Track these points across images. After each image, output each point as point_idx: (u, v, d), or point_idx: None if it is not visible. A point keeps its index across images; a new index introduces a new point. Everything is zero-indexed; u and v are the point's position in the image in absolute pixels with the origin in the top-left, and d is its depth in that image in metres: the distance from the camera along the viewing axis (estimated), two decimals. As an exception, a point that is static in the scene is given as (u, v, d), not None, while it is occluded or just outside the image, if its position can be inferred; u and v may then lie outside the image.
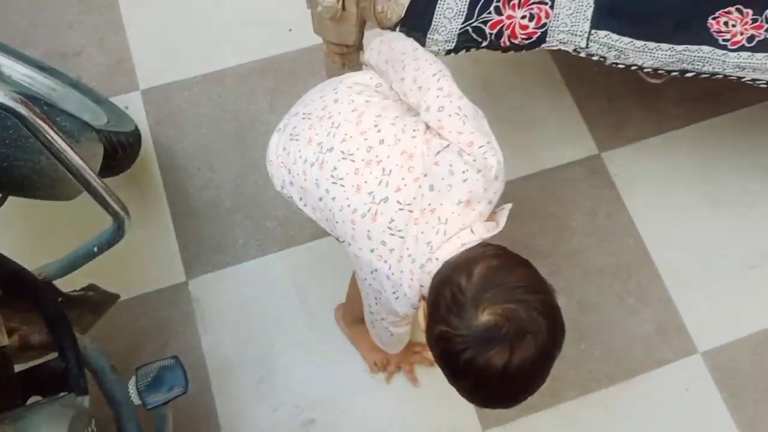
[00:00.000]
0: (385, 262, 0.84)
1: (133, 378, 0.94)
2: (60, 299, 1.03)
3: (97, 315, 1.18)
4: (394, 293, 0.86)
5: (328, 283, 1.40)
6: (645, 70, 1.13)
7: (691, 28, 1.09)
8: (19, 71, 1.37)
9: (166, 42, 1.60)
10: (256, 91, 1.57)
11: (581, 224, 1.48)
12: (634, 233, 1.47)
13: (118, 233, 0.98)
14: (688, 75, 1.12)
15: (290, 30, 1.61)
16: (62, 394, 0.90)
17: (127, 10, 1.63)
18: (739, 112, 1.57)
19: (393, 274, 0.84)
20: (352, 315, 1.28)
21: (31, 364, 1.01)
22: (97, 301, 1.16)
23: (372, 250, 0.85)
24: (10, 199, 1.08)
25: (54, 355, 0.97)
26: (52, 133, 0.82)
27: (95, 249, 1.00)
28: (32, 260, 1.01)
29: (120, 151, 1.22)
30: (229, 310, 1.38)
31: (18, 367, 0.96)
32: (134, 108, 1.51)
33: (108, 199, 0.93)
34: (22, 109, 0.77)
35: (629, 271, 1.44)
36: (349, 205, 0.87)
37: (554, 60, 1.60)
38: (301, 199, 0.97)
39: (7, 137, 0.98)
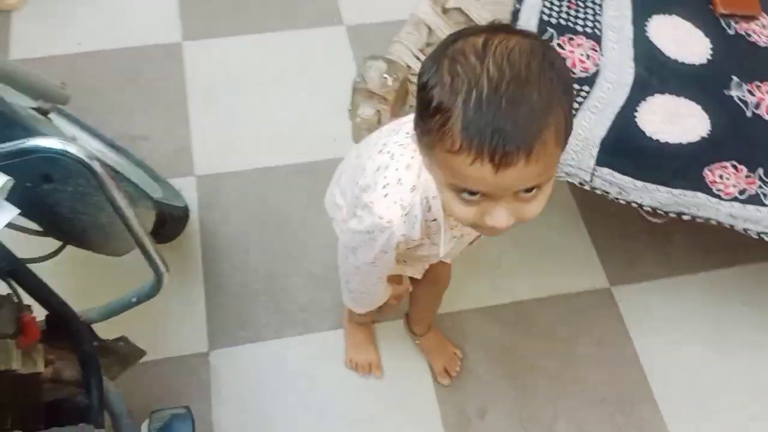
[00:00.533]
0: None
1: (147, 421, 1.03)
2: (95, 343, 1.14)
3: (124, 366, 1.28)
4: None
5: (338, 372, 1.48)
6: (644, 209, 1.24)
7: (687, 176, 1.22)
8: (92, 145, 1.56)
9: (224, 137, 1.79)
10: (297, 190, 1.72)
11: (588, 352, 1.54)
12: (638, 367, 1.52)
13: (156, 287, 1.10)
14: (685, 218, 1.23)
15: (335, 140, 1.79)
16: (81, 425, 0.99)
17: (194, 107, 1.84)
18: (750, 266, 1.65)
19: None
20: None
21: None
22: (125, 354, 1.26)
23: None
24: (67, 248, 1.22)
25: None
26: (115, 191, 0.96)
27: (134, 299, 1.12)
28: (77, 304, 1.13)
29: (169, 221, 1.37)
30: (244, 384, 1.46)
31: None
32: (187, 190, 1.68)
33: (153, 255, 1.06)
34: (95, 165, 0.92)
35: (631, 403, 1.48)
36: None
37: (573, 195, 1.73)
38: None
39: (77, 192, 1.13)
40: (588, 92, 1.31)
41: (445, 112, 0.66)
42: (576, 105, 1.29)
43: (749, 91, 1.37)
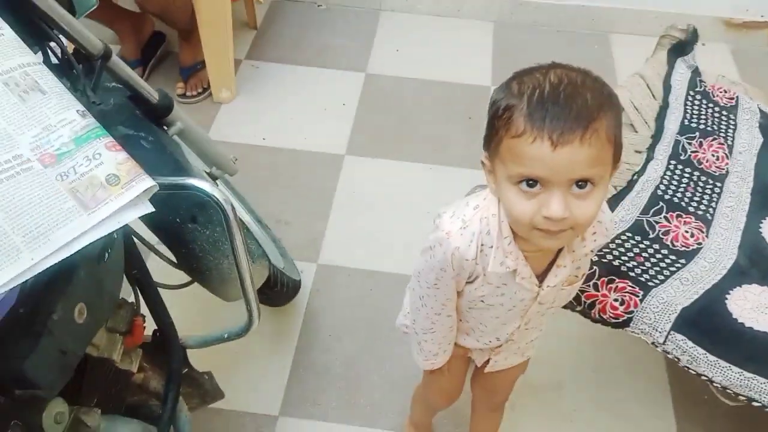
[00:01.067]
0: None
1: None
2: (185, 370, 1.31)
3: (202, 401, 1.43)
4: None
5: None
6: (715, 385, 1.23)
7: (762, 363, 1.21)
8: (241, 213, 1.83)
9: (353, 235, 2.00)
10: (397, 297, 1.84)
11: None
12: None
13: (246, 330, 1.27)
14: (756, 404, 1.20)
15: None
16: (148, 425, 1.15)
17: (336, 209, 2.09)
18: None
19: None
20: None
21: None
22: (207, 390, 1.42)
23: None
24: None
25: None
26: (237, 236, 1.17)
27: (225, 335, 1.30)
28: (179, 330, 1.32)
29: (280, 288, 1.56)
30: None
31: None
32: (307, 272, 1.88)
33: (251, 301, 1.24)
34: (228, 210, 1.13)
35: None
36: None
37: (668, 371, 1.71)
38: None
39: (212, 237, 1.36)
40: (683, 264, 1.36)
41: (510, 108, 0.80)
42: (667, 273, 1.34)
43: None
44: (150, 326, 1.22)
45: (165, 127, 1.38)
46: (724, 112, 1.69)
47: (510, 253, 0.93)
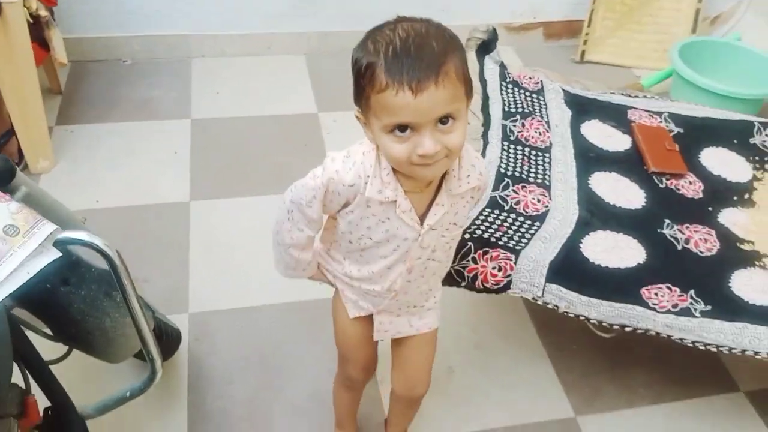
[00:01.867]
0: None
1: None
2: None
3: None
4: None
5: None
6: (591, 322, 1.39)
7: (626, 292, 1.39)
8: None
9: (218, 278, 1.97)
10: (282, 327, 1.86)
11: (555, 478, 1.59)
12: (604, 494, 1.57)
13: (149, 383, 1.21)
14: (628, 329, 1.38)
15: (320, 284, 1.96)
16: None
17: (194, 255, 2.04)
18: (701, 399, 1.75)
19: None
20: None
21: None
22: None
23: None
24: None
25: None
26: (128, 283, 1.13)
27: (128, 394, 1.22)
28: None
29: (164, 338, 1.49)
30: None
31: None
32: (180, 324, 1.80)
33: (154, 353, 1.19)
34: (114, 255, 1.08)
35: None
36: None
37: (539, 334, 1.88)
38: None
39: (89, 296, 1.28)
40: (539, 226, 1.52)
41: (371, 65, 0.91)
42: (528, 236, 1.49)
43: (679, 230, 1.58)
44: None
45: (9, 195, 1.29)
46: (534, 95, 1.92)
47: (388, 184, 1.02)
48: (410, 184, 1.03)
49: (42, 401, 1.15)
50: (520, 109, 1.84)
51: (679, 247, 1.54)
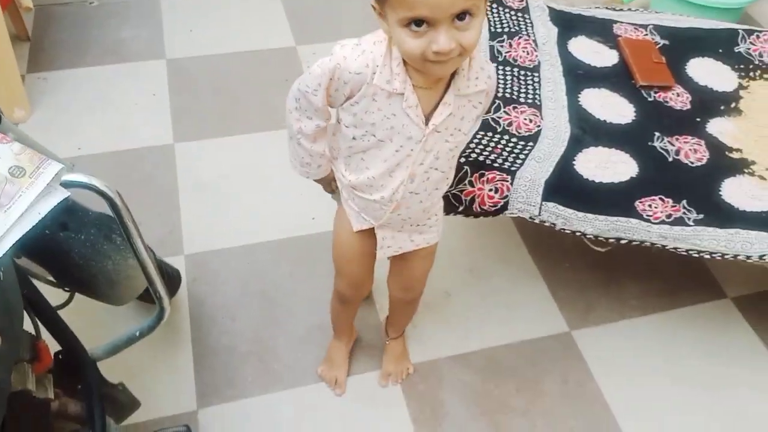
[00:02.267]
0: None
1: (150, 437, 1.11)
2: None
3: (119, 417, 1.35)
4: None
5: (323, 423, 1.56)
6: (588, 237, 1.42)
7: (621, 206, 1.41)
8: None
9: (211, 218, 1.96)
10: (279, 262, 1.87)
11: (554, 389, 1.65)
12: (602, 401, 1.63)
13: (158, 320, 1.22)
14: (623, 242, 1.41)
15: (313, 218, 1.96)
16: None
17: (184, 197, 2.02)
18: (690, 308, 1.81)
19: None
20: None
21: None
22: (123, 403, 1.34)
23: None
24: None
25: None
26: (131, 223, 1.12)
27: (137, 333, 1.23)
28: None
29: (165, 278, 1.49)
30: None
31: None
32: (177, 266, 1.81)
33: (161, 291, 1.19)
34: (115, 196, 1.07)
35: (598, 432, 1.58)
36: None
37: (531, 255, 1.91)
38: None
39: (88, 240, 1.28)
40: (532, 146, 1.52)
41: None
42: (522, 156, 1.50)
43: (669, 142, 1.60)
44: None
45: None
46: (519, 14, 1.89)
47: (398, 75, 1.01)
48: (420, 78, 1.02)
49: (52, 346, 1.15)
50: (506, 29, 1.82)
51: (670, 159, 1.56)
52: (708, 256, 1.39)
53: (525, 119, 1.59)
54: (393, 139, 1.08)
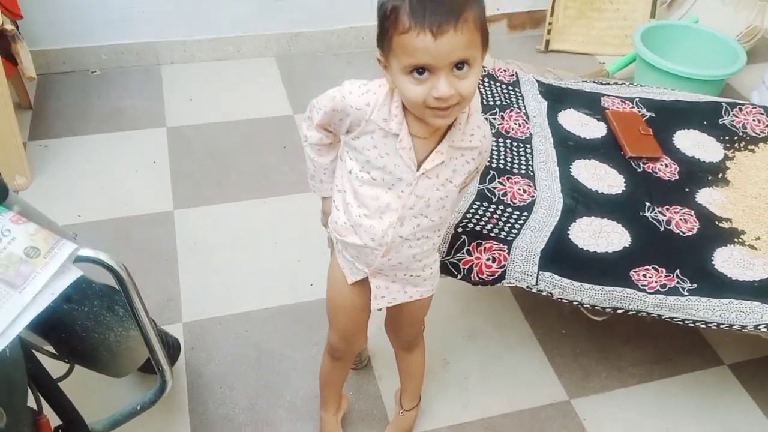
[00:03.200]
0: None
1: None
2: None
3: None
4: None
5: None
6: (585, 307, 1.44)
7: (616, 276, 1.44)
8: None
9: (210, 286, 1.97)
10: (277, 330, 1.88)
11: (554, 459, 1.64)
12: (603, 470, 1.62)
13: (158, 394, 1.22)
14: (620, 312, 1.43)
15: (311, 285, 1.98)
16: None
17: (183, 263, 2.04)
18: (687, 375, 1.82)
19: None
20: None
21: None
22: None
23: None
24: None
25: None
26: (136, 296, 1.13)
27: (138, 407, 1.23)
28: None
29: (166, 348, 1.49)
30: None
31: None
32: (175, 334, 1.81)
33: (163, 363, 1.20)
34: (121, 270, 1.09)
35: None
36: None
37: (528, 320, 1.93)
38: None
39: (92, 312, 1.28)
40: (527, 216, 1.56)
41: (396, 8, 0.96)
42: (518, 226, 1.53)
43: (660, 212, 1.64)
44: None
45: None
46: (510, 88, 1.96)
47: (395, 116, 1.08)
48: (417, 127, 1.08)
49: (52, 419, 1.15)
50: (498, 102, 1.88)
51: (662, 229, 1.60)
52: (704, 326, 1.41)
53: (519, 189, 1.63)
54: (385, 178, 1.13)
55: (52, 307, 1.25)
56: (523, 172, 1.69)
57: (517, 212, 1.57)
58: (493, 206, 1.57)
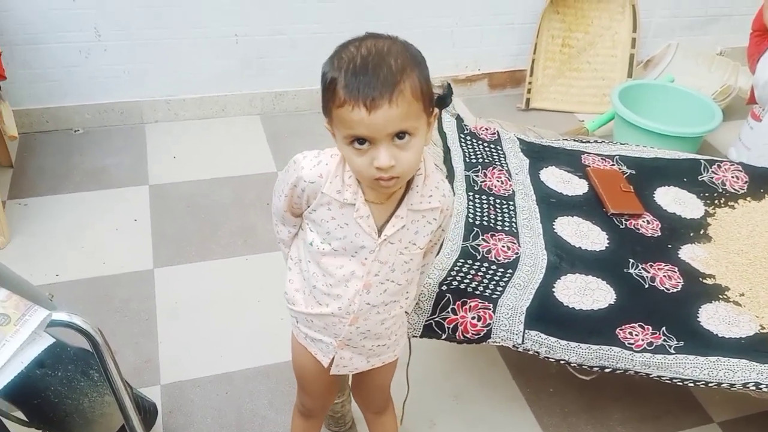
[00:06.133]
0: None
1: None
2: None
3: None
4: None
5: None
6: (572, 365, 1.42)
7: (602, 334, 1.42)
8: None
9: (189, 346, 1.92)
10: (257, 391, 1.83)
11: None
12: None
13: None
14: (607, 371, 1.41)
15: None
16: None
17: (162, 322, 2.00)
18: (679, 432, 1.80)
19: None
20: None
21: None
22: None
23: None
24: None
25: None
26: (111, 362, 1.10)
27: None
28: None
29: (142, 414, 1.45)
30: None
31: None
32: (153, 398, 1.76)
33: (137, 428, 1.15)
34: (96, 334, 1.06)
35: None
36: None
37: (515, 379, 1.89)
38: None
39: (65, 377, 1.24)
40: (511, 273, 1.55)
41: (333, 81, 0.95)
42: (502, 284, 1.52)
43: (644, 269, 1.64)
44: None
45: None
46: (492, 145, 1.98)
47: (349, 186, 1.07)
48: (371, 194, 1.07)
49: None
50: (480, 160, 1.90)
51: (646, 286, 1.59)
52: (692, 384, 1.39)
53: (503, 247, 1.63)
54: (347, 248, 1.11)
55: (24, 372, 1.22)
56: (507, 229, 1.69)
57: (502, 269, 1.56)
58: (477, 263, 1.56)
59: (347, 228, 1.09)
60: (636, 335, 1.43)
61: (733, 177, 1.97)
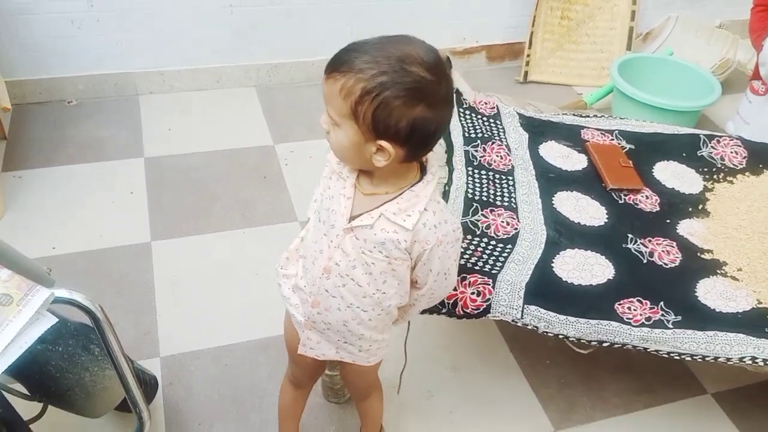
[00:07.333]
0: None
1: None
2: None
3: None
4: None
5: None
6: (570, 340, 1.43)
7: (601, 309, 1.43)
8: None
9: (188, 319, 1.93)
10: (256, 364, 1.84)
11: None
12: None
13: (138, 433, 1.18)
14: (605, 345, 1.42)
15: (293, 318, 1.94)
16: None
17: (161, 295, 2.00)
18: (671, 404, 1.82)
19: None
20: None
21: None
22: None
23: None
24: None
25: None
26: (112, 336, 1.10)
27: (114, 450, 1.19)
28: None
29: (142, 386, 1.45)
30: None
31: None
32: (153, 370, 1.76)
33: (141, 405, 1.16)
34: (97, 310, 1.06)
35: None
36: None
37: (512, 352, 1.91)
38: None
39: (66, 352, 1.25)
40: (511, 249, 1.55)
41: None
42: (502, 259, 1.52)
43: (642, 244, 1.64)
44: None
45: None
46: (491, 120, 1.97)
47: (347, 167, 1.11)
48: (363, 183, 1.09)
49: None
50: (479, 134, 1.89)
51: (645, 261, 1.60)
52: (689, 359, 1.40)
53: (502, 222, 1.63)
54: (324, 221, 1.14)
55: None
56: (506, 204, 1.69)
57: (501, 245, 1.56)
58: (477, 239, 1.56)
59: (331, 201, 1.12)
60: (634, 310, 1.44)
61: (732, 152, 1.97)
